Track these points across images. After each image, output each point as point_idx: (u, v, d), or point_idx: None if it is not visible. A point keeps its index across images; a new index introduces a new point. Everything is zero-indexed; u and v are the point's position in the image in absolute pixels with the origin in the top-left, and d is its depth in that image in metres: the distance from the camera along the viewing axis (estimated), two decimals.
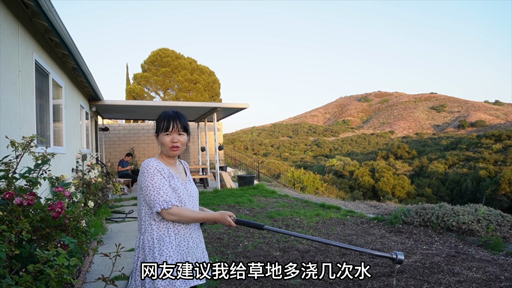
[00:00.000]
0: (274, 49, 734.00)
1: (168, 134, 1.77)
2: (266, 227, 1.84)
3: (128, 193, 10.15)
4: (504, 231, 4.86)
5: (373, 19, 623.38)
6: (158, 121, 1.81)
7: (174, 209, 1.67)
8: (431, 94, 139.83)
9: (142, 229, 1.75)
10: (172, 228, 1.73)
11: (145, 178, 1.70)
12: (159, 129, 1.80)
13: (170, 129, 1.77)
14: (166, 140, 1.77)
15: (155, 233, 1.71)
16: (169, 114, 1.81)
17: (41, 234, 2.27)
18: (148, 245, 1.70)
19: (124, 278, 3.50)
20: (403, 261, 1.72)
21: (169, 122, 1.77)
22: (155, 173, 1.70)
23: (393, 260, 1.71)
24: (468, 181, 37.93)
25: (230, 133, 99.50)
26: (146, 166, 1.72)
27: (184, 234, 1.76)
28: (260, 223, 1.85)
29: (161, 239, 1.70)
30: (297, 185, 16.20)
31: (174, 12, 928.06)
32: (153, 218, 1.73)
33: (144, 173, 1.71)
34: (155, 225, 1.72)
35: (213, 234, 5.36)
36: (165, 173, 1.73)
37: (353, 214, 6.88)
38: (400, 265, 1.99)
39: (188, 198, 1.80)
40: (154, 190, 1.67)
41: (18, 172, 2.53)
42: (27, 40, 4.18)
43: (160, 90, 23.30)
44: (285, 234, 2.81)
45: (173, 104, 11.81)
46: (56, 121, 5.71)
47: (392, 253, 1.73)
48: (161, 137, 1.79)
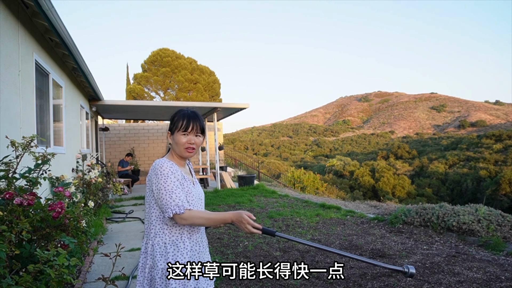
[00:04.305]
0: (274, 49, 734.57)
1: (185, 134, 1.68)
2: (278, 234, 1.73)
3: (128, 193, 10.15)
4: (505, 231, 4.86)
5: (373, 19, 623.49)
6: (176, 119, 1.71)
7: (187, 213, 1.57)
8: (431, 94, 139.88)
9: (151, 234, 1.64)
10: (186, 233, 1.65)
11: (158, 180, 1.59)
12: (176, 128, 1.69)
13: (189, 129, 1.68)
14: (183, 140, 1.68)
15: (168, 238, 1.62)
16: (188, 113, 1.71)
17: (41, 234, 2.27)
18: (159, 251, 1.60)
19: (124, 278, 3.50)
20: (414, 274, 1.76)
21: (188, 122, 1.68)
22: (169, 175, 1.59)
23: (405, 274, 1.76)
24: (468, 181, 37.94)
25: (230, 133, 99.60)
26: (160, 167, 1.60)
27: (196, 239, 1.70)
28: (272, 230, 1.74)
29: (175, 244, 1.61)
30: (297, 185, 16.20)
31: (174, 12, 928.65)
32: (165, 222, 1.63)
33: (157, 175, 1.59)
34: (167, 230, 1.63)
35: (213, 234, 5.36)
36: (178, 175, 1.63)
37: (353, 214, 6.87)
38: (411, 278, 2.13)
39: (198, 201, 1.73)
40: (167, 193, 1.56)
41: (18, 172, 2.54)
42: (27, 40, 4.18)
43: (160, 90, 23.30)
44: (298, 242, 2.74)
45: (173, 104, 11.82)
46: (56, 121, 5.71)
47: (404, 266, 1.77)
48: (177, 136, 1.69)
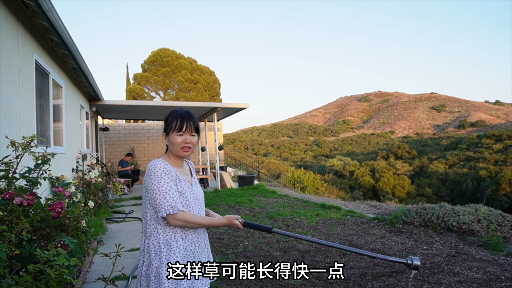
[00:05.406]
0: (274, 48, 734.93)
1: (180, 134, 1.71)
2: (274, 230, 1.77)
3: (128, 193, 10.15)
4: (505, 231, 4.86)
5: (373, 19, 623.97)
6: (170, 120, 1.74)
7: (180, 214, 1.61)
8: (431, 94, 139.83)
9: (147, 233, 1.69)
10: (180, 233, 1.68)
11: (151, 181, 1.63)
12: (171, 129, 1.72)
13: (184, 129, 1.71)
14: (178, 140, 1.71)
15: (162, 237, 1.65)
16: (182, 113, 1.74)
17: (41, 234, 2.27)
18: (154, 250, 1.65)
19: (124, 278, 3.50)
20: (419, 266, 1.62)
21: (182, 122, 1.71)
22: (162, 176, 1.63)
23: (409, 266, 1.62)
24: (468, 181, 37.94)
25: (230, 133, 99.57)
26: (154, 168, 1.64)
27: (191, 239, 1.71)
28: (268, 226, 1.77)
29: (168, 244, 1.65)
30: (297, 185, 16.21)
31: (174, 12, 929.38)
32: (159, 222, 1.67)
33: (150, 175, 1.64)
34: (161, 229, 1.66)
35: (213, 234, 5.36)
36: (172, 175, 1.66)
37: (353, 214, 6.87)
38: (416, 271, 1.87)
39: (194, 202, 1.74)
40: (160, 194, 1.60)
41: (18, 172, 2.53)
42: (27, 40, 4.18)
43: (160, 90, 23.30)
44: (295, 237, 2.68)
45: (173, 104, 11.81)
46: (56, 121, 5.71)
47: (407, 258, 1.63)
48: (172, 137, 1.72)
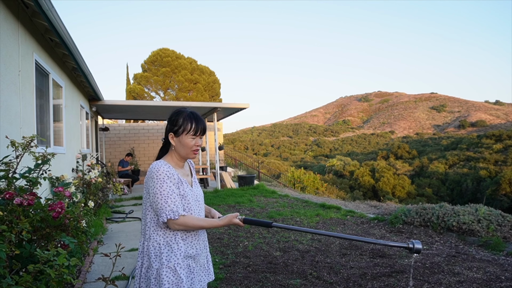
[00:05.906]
0: (274, 48, 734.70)
1: (194, 137, 1.70)
2: (274, 225, 1.78)
3: (128, 193, 10.15)
4: (505, 231, 4.86)
5: (373, 19, 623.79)
6: (182, 121, 1.70)
7: (181, 219, 1.60)
8: (431, 94, 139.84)
9: (146, 235, 1.68)
10: (180, 234, 1.67)
11: (153, 184, 1.61)
12: (185, 130, 1.68)
13: (198, 132, 1.70)
14: (190, 143, 1.69)
15: (162, 240, 1.65)
16: (195, 116, 1.72)
17: (41, 234, 2.27)
18: (154, 251, 1.64)
19: (124, 278, 3.50)
20: (420, 250, 1.58)
21: (197, 125, 1.69)
22: (165, 180, 1.61)
23: (410, 250, 1.60)
24: (468, 181, 37.95)
25: (230, 133, 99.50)
26: (156, 171, 1.62)
27: (192, 240, 1.71)
28: (269, 221, 1.78)
29: (169, 245, 1.64)
30: (297, 185, 16.21)
31: (174, 12, 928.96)
32: (159, 224, 1.66)
33: (153, 178, 1.62)
34: (161, 231, 1.66)
35: (213, 234, 5.36)
36: (174, 179, 1.65)
37: (353, 214, 6.87)
38: (418, 254, 1.83)
39: (195, 203, 1.74)
40: (162, 198, 1.59)
41: (18, 172, 2.53)
42: (27, 40, 4.18)
43: (160, 90, 23.30)
44: (294, 230, 2.72)
45: (174, 104, 11.81)
46: (56, 121, 5.71)
47: (408, 242, 1.61)
48: (184, 139, 1.69)
